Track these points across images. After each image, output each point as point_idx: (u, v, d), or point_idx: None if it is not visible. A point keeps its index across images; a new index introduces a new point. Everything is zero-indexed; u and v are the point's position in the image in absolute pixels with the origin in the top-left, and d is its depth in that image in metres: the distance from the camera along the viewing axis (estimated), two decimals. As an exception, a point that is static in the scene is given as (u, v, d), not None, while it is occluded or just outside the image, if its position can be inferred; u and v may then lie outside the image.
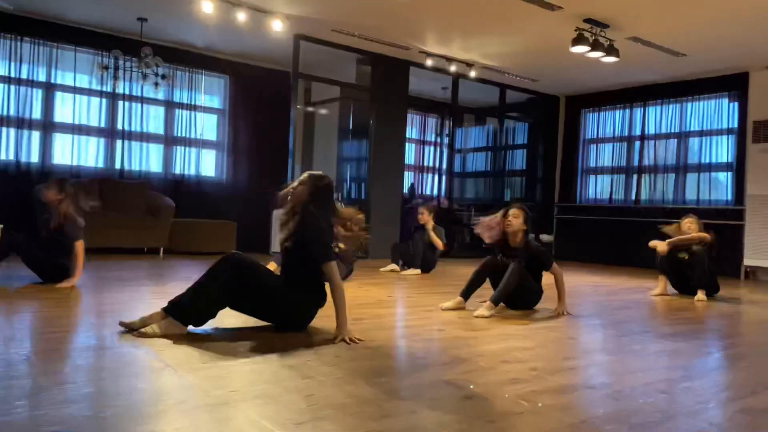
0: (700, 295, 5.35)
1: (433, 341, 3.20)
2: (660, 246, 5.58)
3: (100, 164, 7.79)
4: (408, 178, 11.09)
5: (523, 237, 4.28)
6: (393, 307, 4.36)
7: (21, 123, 7.21)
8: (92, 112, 7.73)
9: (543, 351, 3.04)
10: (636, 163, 9.39)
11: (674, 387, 2.50)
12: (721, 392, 2.48)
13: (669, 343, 3.58)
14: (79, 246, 4.56)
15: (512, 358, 2.85)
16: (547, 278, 4.40)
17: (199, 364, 2.47)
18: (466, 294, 4.21)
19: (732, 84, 8.32)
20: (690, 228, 5.66)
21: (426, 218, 6.91)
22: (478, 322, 3.73)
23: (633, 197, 9.39)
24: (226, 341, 2.97)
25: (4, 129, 7.12)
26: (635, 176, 9.40)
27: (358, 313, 3.85)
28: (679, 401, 2.30)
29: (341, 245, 3.25)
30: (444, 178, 10.28)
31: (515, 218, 4.25)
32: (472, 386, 2.31)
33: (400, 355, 2.81)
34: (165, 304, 2.98)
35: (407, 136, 9.45)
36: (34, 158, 7.34)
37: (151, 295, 4.28)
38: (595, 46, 6.59)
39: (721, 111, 8.56)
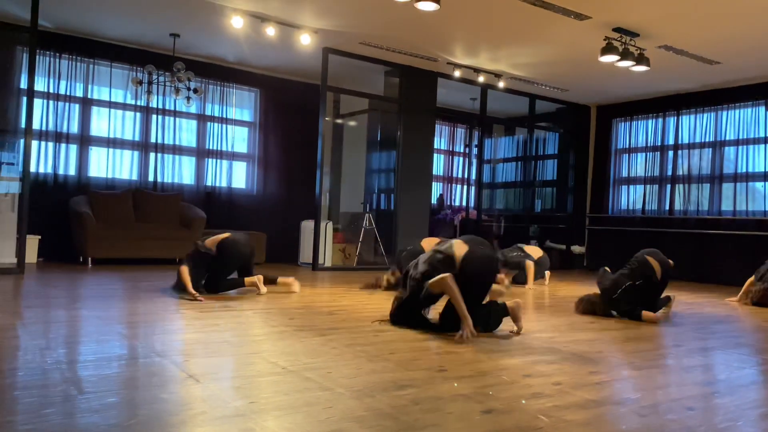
0: None
1: (456, 354, 3.18)
2: None
3: (134, 176, 7.97)
4: (437, 188, 11.09)
5: None
6: (418, 318, 4.34)
7: (59, 137, 7.43)
8: (127, 126, 7.93)
9: (568, 365, 3.00)
10: (669, 173, 9.22)
11: (703, 403, 2.44)
12: (751, 409, 2.41)
13: (700, 357, 3.50)
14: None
15: (535, 372, 2.82)
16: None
17: (220, 375, 2.50)
18: None
19: (768, 92, 8.12)
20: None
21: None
22: (502, 336, 3.69)
23: (666, 207, 9.21)
24: (248, 351, 3.00)
25: (42, 143, 7.35)
26: (669, 186, 9.22)
27: (382, 324, 3.85)
28: (706, 418, 2.24)
29: None
30: (473, 188, 10.24)
31: None
32: (491, 392, 2.29)
33: (421, 367, 2.80)
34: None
35: (435, 146, 9.45)
36: (71, 171, 7.55)
37: (180, 305, 4.34)
38: (624, 55, 6.51)
39: (758, 119, 8.35)
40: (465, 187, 11.14)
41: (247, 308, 4.39)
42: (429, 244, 5.76)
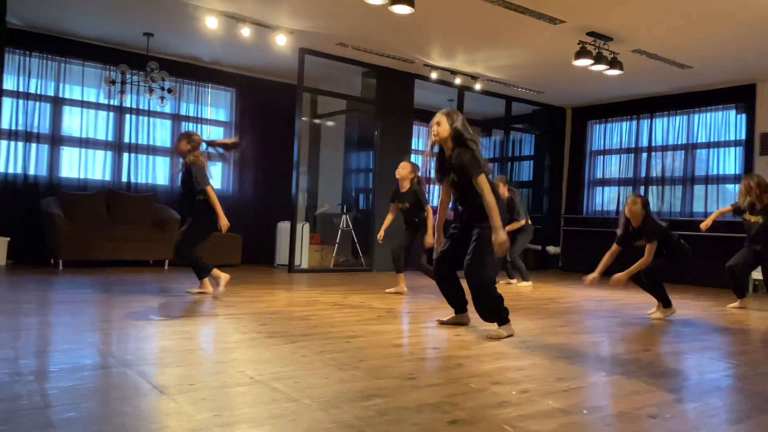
0: None
1: (426, 361, 3.19)
2: None
3: (107, 177, 7.86)
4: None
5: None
6: (391, 323, 4.35)
7: (29, 137, 7.30)
8: (99, 126, 7.82)
9: (537, 371, 3.02)
10: (643, 175, 9.34)
11: (667, 410, 2.47)
12: (713, 417, 2.44)
13: (668, 362, 3.54)
14: (210, 191, 5.15)
15: (504, 379, 2.83)
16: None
17: (186, 385, 2.47)
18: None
19: (739, 96, 8.26)
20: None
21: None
22: (473, 341, 3.71)
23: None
24: (216, 360, 2.97)
25: (12, 143, 7.21)
26: (642, 188, 9.34)
27: (354, 330, 3.84)
28: (666, 427, 2.27)
29: None
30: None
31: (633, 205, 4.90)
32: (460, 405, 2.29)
33: (391, 375, 2.79)
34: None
35: (413, 147, 9.46)
36: (42, 171, 7.42)
37: (152, 310, 4.29)
38: (598, 59, 6.57)
39: (728, 123, 8.50)
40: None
41: (219, 313, 4.35)
42: None
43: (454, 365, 3.07)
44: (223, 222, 5.17)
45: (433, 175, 4.43)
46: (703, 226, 6.15)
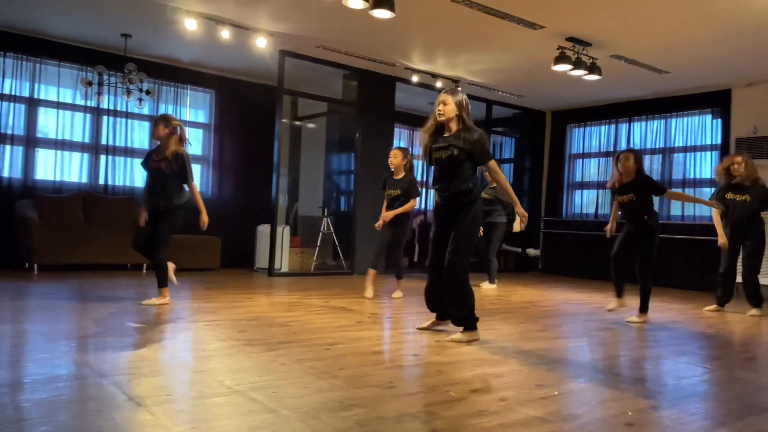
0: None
1: (406, 368, 3.18)
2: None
3: (84, 179, 7.74)
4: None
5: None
6: (372, 329, 4.34)
7: (3, 138, 7.17)
8: (76, 127, 7.70)
9: (516, 378, 3.03)
10: (621, 178, 9.42)
11: (643, 418, 2.49)
12: (689, 424, 2.47)
13: (647, 368, 3.58)
14: (195, 186, 4.93)
15: (483, 386, 2.84)
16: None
17: (164, 396, 2.44)
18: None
19: (715, 101, 8.39)
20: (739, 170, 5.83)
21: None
22: (452, 346, 3.71)
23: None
24: (194, 369, 2.94)
25: (-15, 144, 7.08)
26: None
27: (334, 337, 3.83)
28: (645, 435, 2.29)
29: None
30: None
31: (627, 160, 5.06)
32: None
33: (370, 384, 2.78)
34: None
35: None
36: (16, 173, 7.29)
37: (130, 317, 4.23)
38: (577, 64, 6.63)
39: (704, 127, 8.62)
40: (424, 190, 11.18)
41: (197, 320, 4.31)
42: None
43: (433, 372, 3.07)
44: (205, 218, 4.93)
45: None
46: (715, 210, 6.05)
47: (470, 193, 3.84)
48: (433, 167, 4.03)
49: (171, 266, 4.91)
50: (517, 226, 4.14)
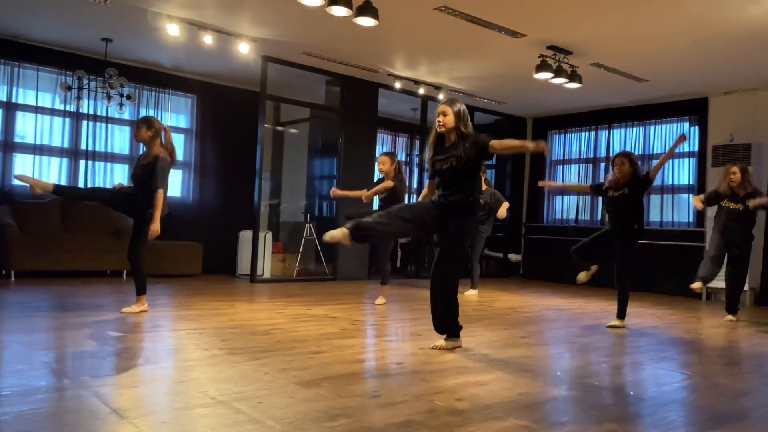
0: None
1: (391, 377, 3.19)
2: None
3: (63, 184, 7.63)
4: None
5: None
6: (356, 336, 4.34)
7: (-20, 143, 7.05)
8: (55, 132, 7.59)
9: (499, 386, 3.05)
10: (601, 184, 9.53)
11: (625, 426, 2.52)
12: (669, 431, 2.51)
13: (627, 375, 3.63)
14: (161, 195, 4.62)
15: (468, 395, 2.85)
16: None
17: (147, 408, 2.42)
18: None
19: (692, 109, 8.53)
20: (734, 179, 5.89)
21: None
22: (436, 353, 3.72)
23: (598, 217, 9.52)
24: (177, 379, 2.91)
25: (-39, 149, 6.96)
26: (600, 197, 9.53)
27: (318, 345, 3.82)
28: (627, 443, 2.32)
29: None
30: (414, 197, 10.32)
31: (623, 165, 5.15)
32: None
33: (355, 393, 2.78)
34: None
35: (377, 155, 9.45)
36: (-7, 179, 7.17)
37: (110, 325, 4.18)
38: (558, 72, 6.70)
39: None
40: (407, 195, 11.20)
41: (179, 328, 4.27)
42: None
43: (418, 381, 3.08)
44: (155, 228, 4.58)
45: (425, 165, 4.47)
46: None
47: (471, 204, 3.84)
48: (436, 178, 3.99)
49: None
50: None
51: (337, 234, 3.51)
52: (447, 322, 3.90)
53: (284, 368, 3.17)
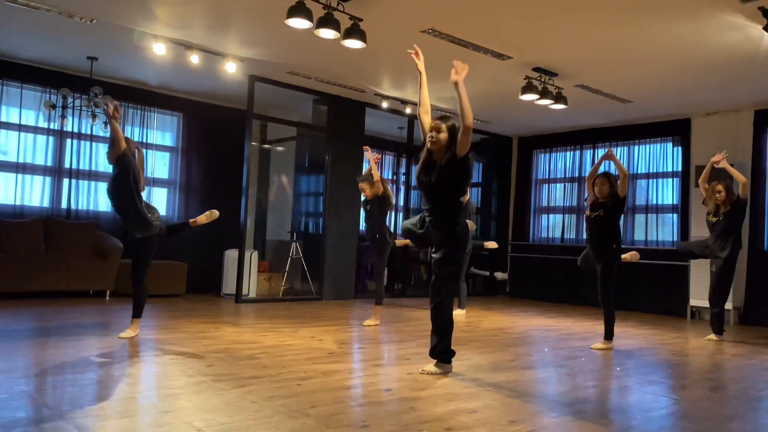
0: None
1: (379, 405, 3.15)
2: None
3: (46, 204, 7.54)
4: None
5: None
6: (343, 361, 4.29)
7: (-39, 161, 6.95)
8: (38, 150, 7.51)
9: (489, 413, 3.03)
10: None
11: (615, 456, 2.51)
12: (660, 461, 2.50)
13: (615, 400, 3.62)
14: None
15: (457, 423, 2.83)
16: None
17: (131, 443, 2.37)
18: None
19: (676, 130, 8.64)
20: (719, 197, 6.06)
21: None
22: (425, 379, 3.70)
23: (584, 236, 9.57)
24: (161, 409, 2.86)
25: (-58, 168, 6.85)
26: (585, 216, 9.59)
27: (305, 370, 3.78)
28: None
29: None
30: (401, 215, 10.32)
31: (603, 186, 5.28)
32: None
33: (343, 423, 2.75)
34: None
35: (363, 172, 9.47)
36: (-25, 198, 7.06)
37: (92, 350, 4.11)
38: (543, 94, 6.76)
39: (666, 155, 8.86)
40: (393, 213, 11.20)
41: (164, 352, 4.21)
42: None
43: (407, 409, 3.05)
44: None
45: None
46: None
47: (454, 223, 3.86)
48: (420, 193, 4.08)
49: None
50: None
51: None
52: (442, 346, 3.89)
53: (271, 396, 3.13)
